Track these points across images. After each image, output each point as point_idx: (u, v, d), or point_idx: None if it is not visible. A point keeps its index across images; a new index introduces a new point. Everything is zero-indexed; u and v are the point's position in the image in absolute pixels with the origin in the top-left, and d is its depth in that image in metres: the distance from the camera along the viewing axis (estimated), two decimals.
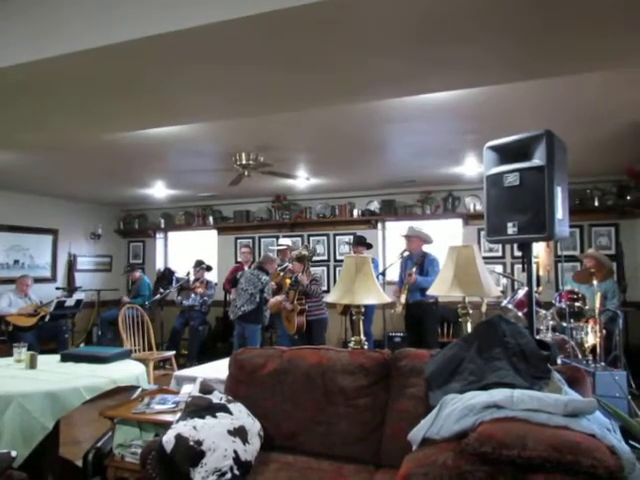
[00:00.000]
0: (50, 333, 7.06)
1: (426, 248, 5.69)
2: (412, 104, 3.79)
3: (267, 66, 2.68)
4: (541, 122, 3.32)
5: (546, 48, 2.48)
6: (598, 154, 5.46)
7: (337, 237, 8.11)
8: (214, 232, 8.97)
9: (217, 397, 2.51)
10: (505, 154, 2.69)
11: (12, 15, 2.52)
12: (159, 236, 9.50)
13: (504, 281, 7.00)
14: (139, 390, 3.36)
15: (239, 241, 8.73)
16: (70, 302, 7.28)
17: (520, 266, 6.93)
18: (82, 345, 7.93)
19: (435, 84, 3.11)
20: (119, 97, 3.15)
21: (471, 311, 2.88)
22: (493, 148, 2.75)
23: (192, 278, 7.54)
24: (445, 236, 7.12)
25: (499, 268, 7.10)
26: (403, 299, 5.47)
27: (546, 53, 2.55)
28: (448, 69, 2.77)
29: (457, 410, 1.85)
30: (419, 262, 5.53)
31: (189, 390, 2.70)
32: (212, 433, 2.22)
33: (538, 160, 2.49)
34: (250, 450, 2.30)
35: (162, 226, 9.20)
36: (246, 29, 2.20)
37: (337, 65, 2.68)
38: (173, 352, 6.45)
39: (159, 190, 7.75)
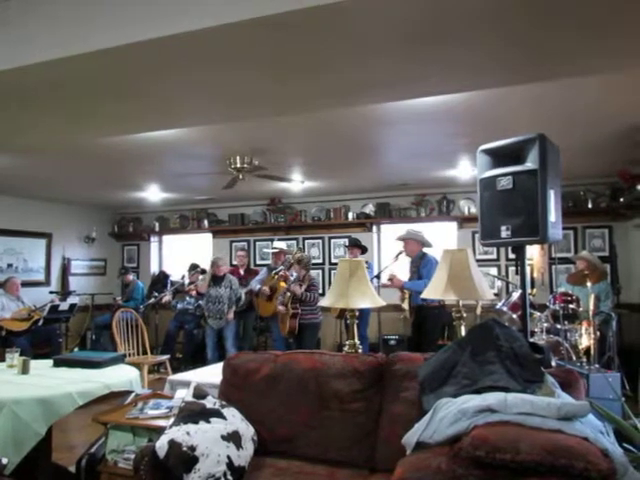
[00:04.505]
0: (43, 337, 7.01)
1: (428, 251, 5.59)
2: (406, 107, 3.80)
3: (264, 70, 2.68)
4: (534, 125, 3.34)
5: (545, 51, 2.48)
6: (592, 157, 5.48)
7: (332, 240, 8.11)
8: (209, 235, 8.95)
9: (211, 402, 2.50)
10: (498, 157, 2.69)
11: (8, 19, 2.51)
12: (154, 239, 9.47)
13: (499, 283, 7.01)
14: (132, 395, 3.35)
15: (234, 244, 8.72)
16: (64, 306, 7.24)
17: (514, 268, 6.96)
18: (76, 349, 7.88)
19: (433, 88, 3.11)
20: (115, 101, 3.14)
21: (465, 314, 2.88)
22: (486, 151, 2.75)
23: (187, 281, 7.52)
24: (440, 239, 7.13)
25: (494, 270, 7.11)
26: (406, 305, 5.42)
27: (545, 56, 2.55)
28: (446, 72, 2.78)
29: (451, 414, 1.85)
30: (417, 265, 5.49)
31: (183, 395, 2.69)
32: (205, 438, 2.20)
33: (531, 164, 2.50)
34: (244, 455, 2.29)
35: (157, 229, 9.18)
36: (243, 33, 2.20)
37: (334, 69, 2.68)
38: (167, 356, 6.43)
39: (154, 193, 7.73)
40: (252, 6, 2.06)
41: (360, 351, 3.02)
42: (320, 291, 6.62)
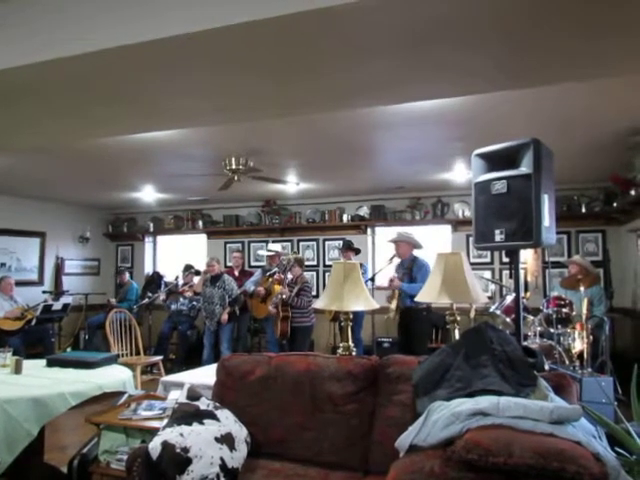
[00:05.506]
0: (36, 337, 6.99)
1: (418, 254, 5.64)
2: (401, 111, 3.81)
3: (258, 73, 2.67)
4: (529, 130, 3.36)
5: (544, 56, 2.48)
6: (585, 161, 5.52)
7: (327, 242, 8.12)
8: (203, 236, 8.95)
9: (204, 403, 2.49)
10: (493, 162, 2.70)
11: (4, 19, 2.50)
12: (148, 240, 9.45)
13: (492, 287, 7.04)
14: (125, 396, 3.34)
15: (228, 245, 8.71)
16: (57, 306, 7.21)
17: (508, 272, 6.98)
18: (69, 349, 7.83)
19: (428, 92, 3.11)
20: (110, 102, 3.13)
21: (459, 317, 2.89)
22: (481, 156, 2.76)
23: (181, 282, 7.51)
24: (434, 242, 7.14)
25: (488, 274, 7.15)
26: (394, 305, 5.42)
27: (544, 61, 2.54)
28: (441, 77, 2.78)
29: (444, 417, 1.86)
30: (409, 267, 5.50)
31: (176, 396, 2.69)
32: (199, 440, 2.20)
33: (525, 168, 2.51)
34: (237, 457, 2.29)
35: (151, 230, 9.17)
36: (243, 36, 2.20)
37: (334, 73, 2.67)
38: (161, 357, 6.41)
39: (148, 194, 7.72)
40: (251, 8, 2.06)
41: (354, 353, 3.02)
42: (314, 293, 6.62)
